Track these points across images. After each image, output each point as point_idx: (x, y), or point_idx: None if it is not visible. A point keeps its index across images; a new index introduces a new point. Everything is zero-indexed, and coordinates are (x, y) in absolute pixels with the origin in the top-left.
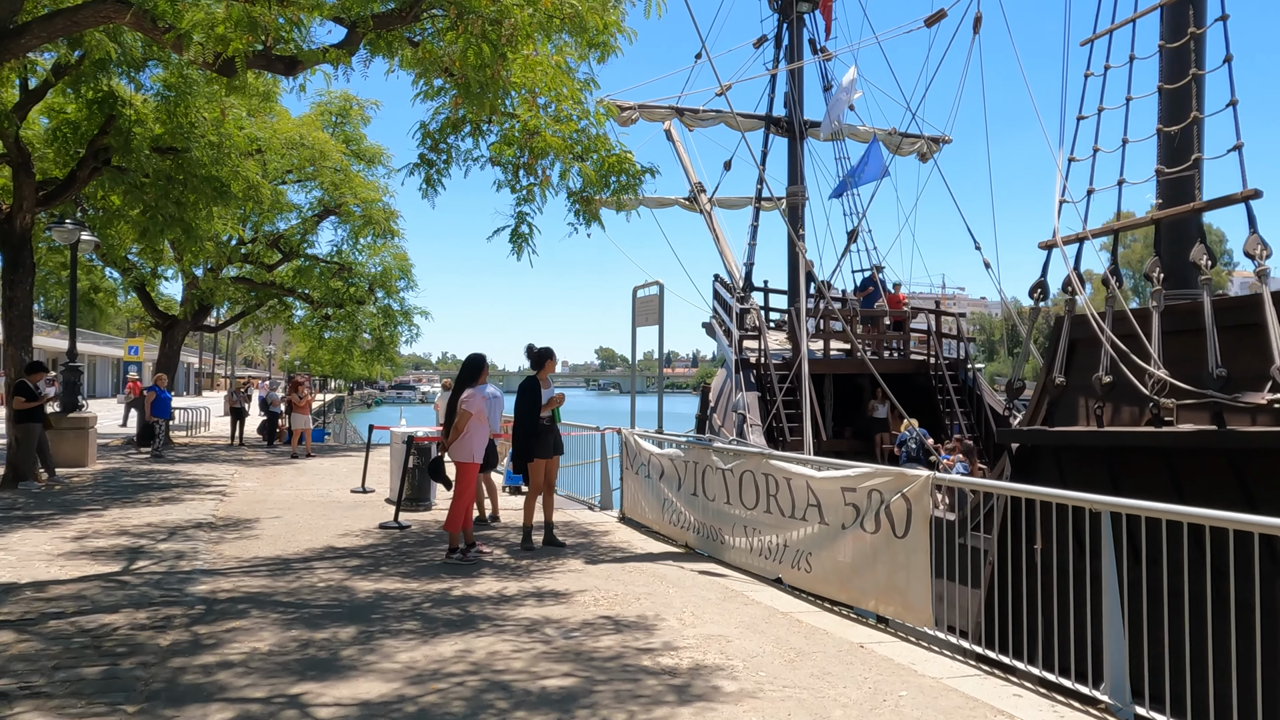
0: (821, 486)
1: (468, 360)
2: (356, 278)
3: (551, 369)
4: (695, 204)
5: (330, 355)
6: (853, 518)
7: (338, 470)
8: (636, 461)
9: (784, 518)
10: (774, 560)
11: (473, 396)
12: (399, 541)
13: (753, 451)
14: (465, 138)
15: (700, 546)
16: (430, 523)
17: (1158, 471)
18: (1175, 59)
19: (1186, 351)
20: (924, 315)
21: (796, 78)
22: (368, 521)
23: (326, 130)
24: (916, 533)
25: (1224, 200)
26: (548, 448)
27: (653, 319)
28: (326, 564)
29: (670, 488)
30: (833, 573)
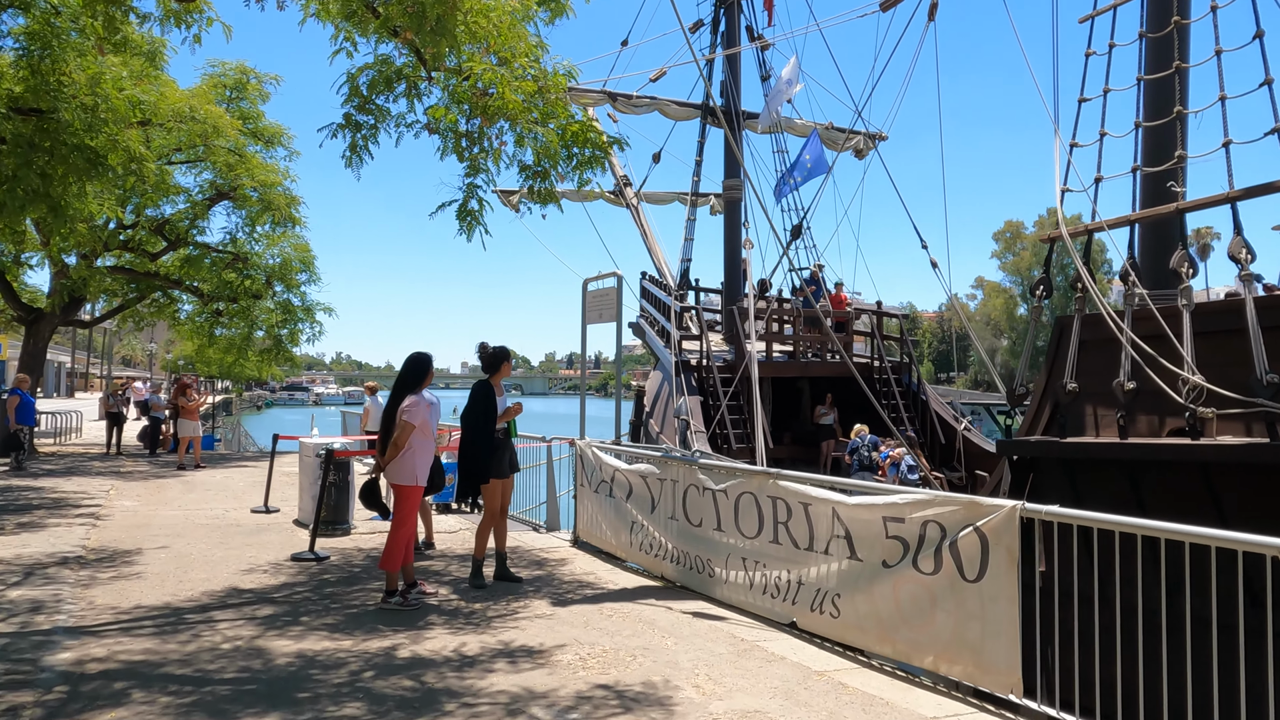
0: (854, 515)
1: (410, 361)
2: (252, 269)
3: (507, 372)
4: (621, 198)
5: (222, 354)
6: (899, 554)
7: (233, 484)
8: (596, 478)
9: (798, 550)
10: (784, 600)
11: (416, 405)
12: (319, 579)
13: (755, 470)
14: (398, 98)
15: (681, 579)
16: (353, 551)
17: (1195, 489)
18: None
19: (1214, 355)
20: (867, 316)
21: (734, 65)
22: (277, 551)
23: (220, 106)
24: (998, 576)
25: (1263, 188)
26: (504, 466)
27: (609, 314)
28: (231, 614)
29: (641, 509)
30: (870, 619)
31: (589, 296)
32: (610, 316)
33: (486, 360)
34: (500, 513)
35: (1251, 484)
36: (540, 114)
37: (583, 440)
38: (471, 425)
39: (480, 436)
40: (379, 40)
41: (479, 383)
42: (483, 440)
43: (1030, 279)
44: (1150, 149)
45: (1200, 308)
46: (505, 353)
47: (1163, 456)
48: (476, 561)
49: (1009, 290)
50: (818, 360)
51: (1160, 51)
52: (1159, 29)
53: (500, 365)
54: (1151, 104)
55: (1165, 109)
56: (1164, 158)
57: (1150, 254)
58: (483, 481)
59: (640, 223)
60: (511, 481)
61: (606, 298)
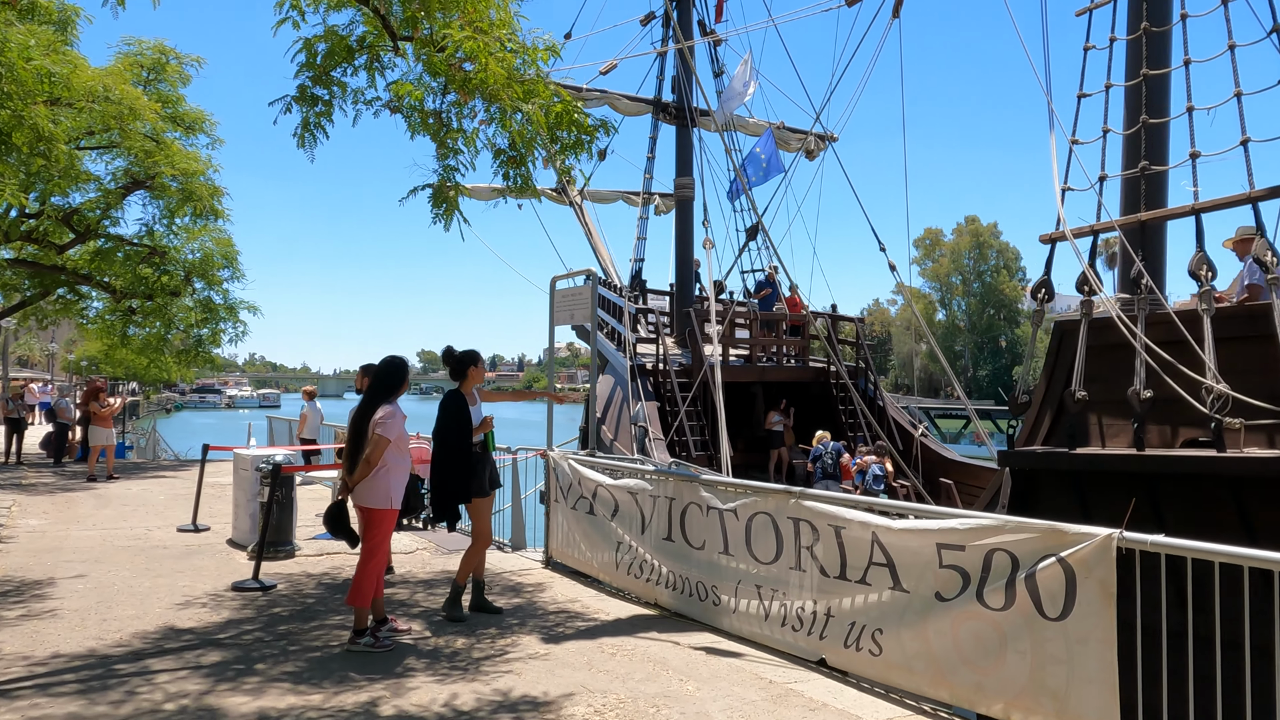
0: (899, 541)
1: (385, 366)
2: (170, 264)
3: (479, 379)
4: (563, 195)
5: (135, 355)
6: (957, 587)
7: (152, 498)
8: (573, 493)
9: (827, 578)
10: (810, 633)
11: (393, 416)
12: (269, 614)
13: (774, 489)
14: (358, 71)
15: (679, 607)
16: (301, 578)
17: (1221, 504)
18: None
19: (1234, 363)
20: (824, 320)
21: (687, 60)
22: (214, 579)
23: (137, 88)
24: (1088, 615)
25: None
26: (484, 483)
27: (582, 315)
28: (171, 663)
29: (629, 529)
30: (921, 659)
31: (557, 295)
32: (583, 317)
33: (453, 365)
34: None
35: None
36: (521, 91)
37: (556, 452)
38: (444, 440)
39: (455, 452)
40: (330, 7)
41: (449, 392)
42: (459, 455)
43: (950, 285)
44: (1130, 153)
45: (1221, 313)
46: (474, 356)
47: (1189, 469)
48: (457, 588)
49: (928, 296)
50: (774, 365)
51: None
52: (1159, 24)
53: (468, 370)
54: (1134, 106)
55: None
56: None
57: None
58: (464, 501)
59: (584, 221)
60: (493, 499)
61: (579, 297)
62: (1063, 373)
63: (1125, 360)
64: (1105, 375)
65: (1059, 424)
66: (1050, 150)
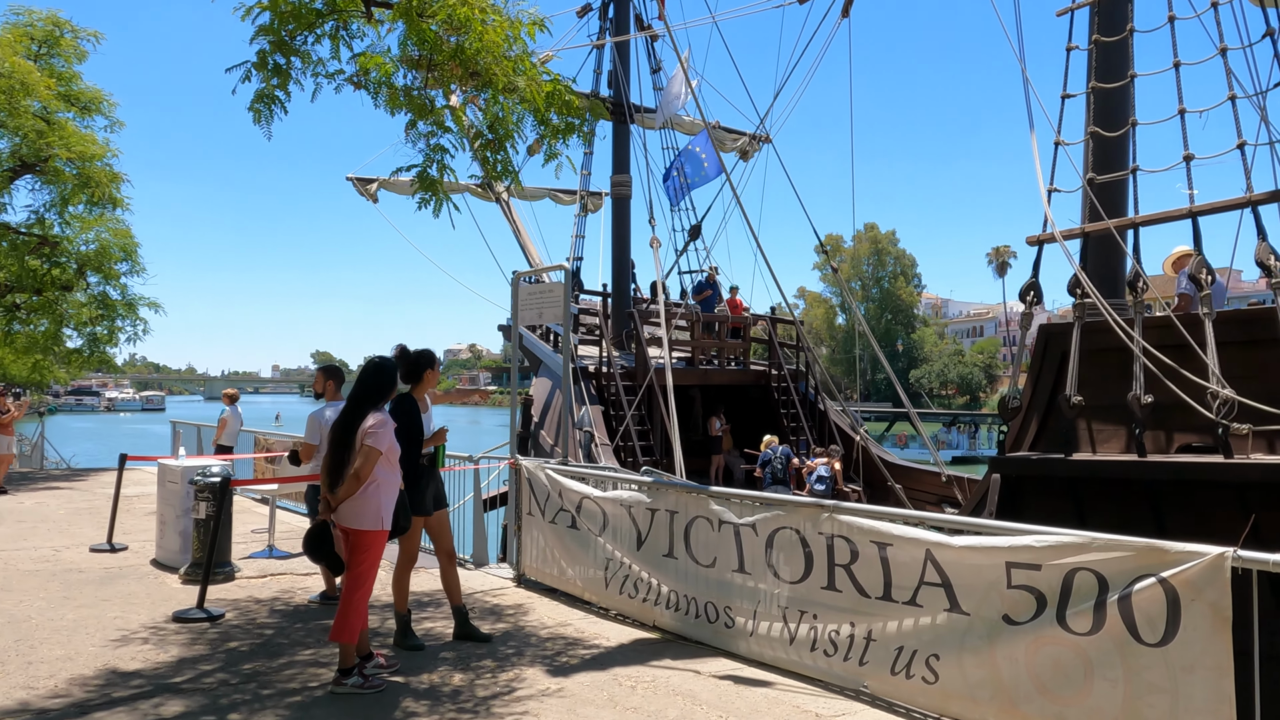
0: (959, 559)
1: (375, 368)
2: (63, 256)
3: (433, 383)
4: (489, 191)
5: (18, 356)
6: (1029, 609)
7: (50, 512)
8: (551, 505)
9: (868, 599)
10: (848, 659)
11: (385, 426)
12: (226, 649)
13: (803, 502)
14: (322, 39)
15: (684, 629)
16: (249, 604)
17: (1228, 511)
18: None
19: (1235, 368)
20: (764, 322)
21: (624, 55)
22: (149, 609)
23: (27, 62)
24: (1196, 641)
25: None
26: (426, 501)
27: (553, 314)
28: (126, 716)
29: (621, 545)
30: (986, 687)
31: (523, 294)
32: (554, 317)
33: (407, 367)
34: (445, 555)
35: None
36: (510, 66)
37: (530, 461)
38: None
39: (406, 464)
40: None
41: (400, 396)
42: (409, 468)
43: (851, 291)
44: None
45: (1222, 316)
46: (430, 358)
47: (1196, 476)
48: (401, 617)
49: (828, 300)
50: (716, 368)
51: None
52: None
53: (423, 374)
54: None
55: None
56: (1115, 167)
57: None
58: (406, 525)
59: (512, 219)
60: (445, 518)
61: (549, 295)
62: (1049, 377)
63: (1114, 364)
64: (1094, 380)
65: (1045, 429)
66: (1033, 151)
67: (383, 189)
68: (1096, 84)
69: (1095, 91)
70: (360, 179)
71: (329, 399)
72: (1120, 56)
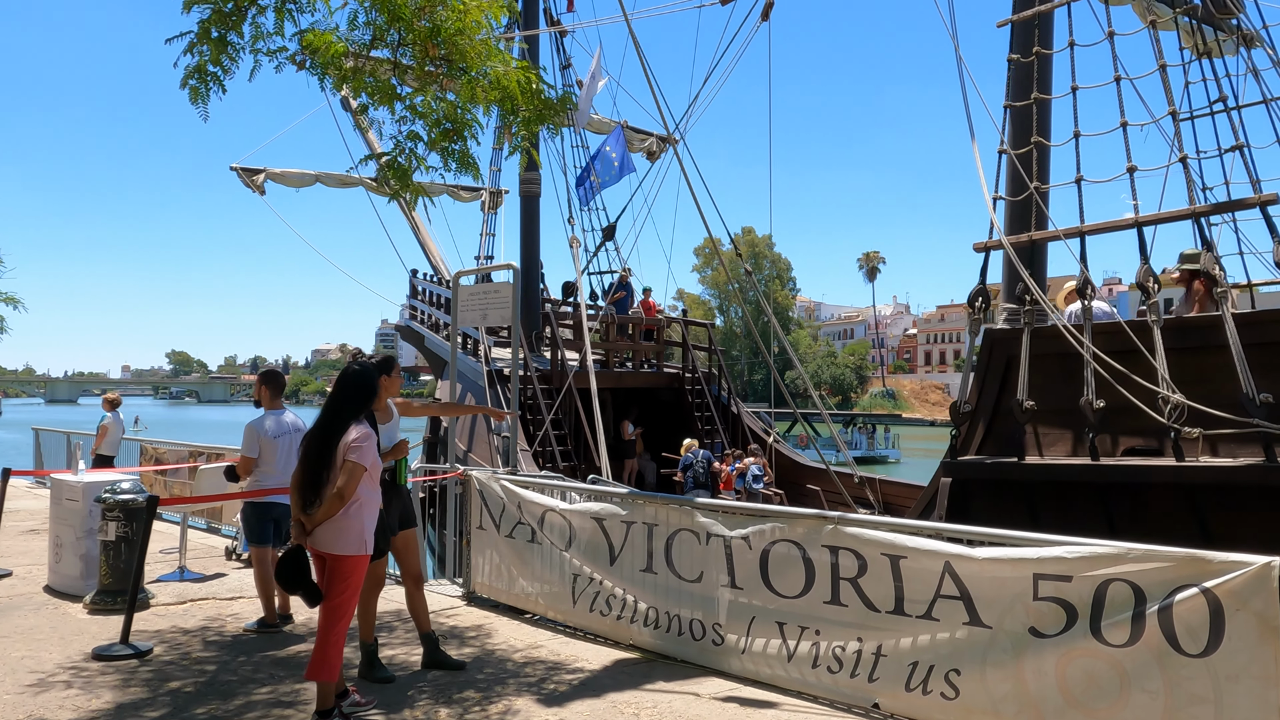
0: (980, 572)
1: (354, 376)
2: None
3: (394, 390)
4: (384, 186)
5: None
6: (1060, 621)
7: None
8: (507, 519)
9: (876, 613)
10: (855, 675)
11: (369, 440)
12: (166, 690)
13: (802, 514)
14: (266, 10)
15: (667, 648)
16: (175, 634)
17: (1179, 512)
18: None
19: (1184, 373)
20: (677, 324)
21: (533, 50)
22: (59, 646)
23: None
24: (1241, 650)
25: (1228, 205)
26: (393, 521)
27: (500, 315)
28: None
29: (591, 560)
30: (1012, 701)
31: (464, 295)
32: (501, 319)
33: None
34: (411, 578)
35: (1239, 507)
36: (480, 50)
37: (481, 472)
38: None
39: None
40: None
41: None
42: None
43: (727, 293)
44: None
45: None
46: (390, 363)
47: (1150, 479)
48: (368, 647)
49: (706, 303)
50: (630, 371)
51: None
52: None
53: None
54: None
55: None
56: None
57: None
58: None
59: (411, 216)
60: (412, 538)
61: (495, 295)
62: (994, 382)
63: (1057, 369)
64: (1038, 384)
65: (991, 433)
66: (974, 159)
67: (271, 180)
68: (1039, 95)
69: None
70: (246, 169)
71: (267, 407)
72: (1045, 71)
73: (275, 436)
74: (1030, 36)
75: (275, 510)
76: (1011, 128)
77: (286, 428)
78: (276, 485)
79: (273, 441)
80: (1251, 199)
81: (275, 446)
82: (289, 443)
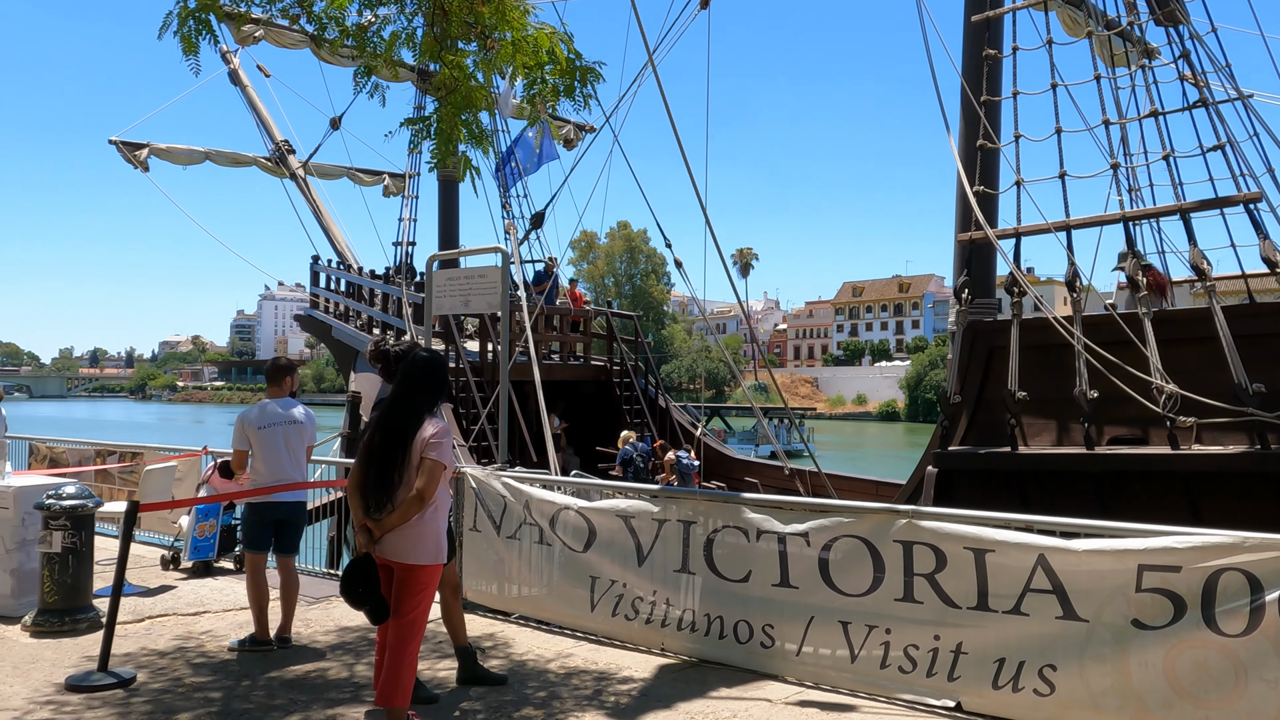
0: (1078, 564)
1: (426, 363)
2: None
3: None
4: (281, 167)
5: None
6: (1167, 613)
7: None
8: (510, 519)
9: (955, 609)
10: (932, 674)
11: (448, 435)
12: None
13: (873, 508)
14: None
15: (708, 652)
16: (149, 657)
17: (1172, 499)
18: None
19: (1183, 364)
20: (606, 316)
21: None
22: (19, 677)
23: None
24: None
25: (1214, 202)
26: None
27: (486, 302)
28: None
29: (618, 562)
30: (1114, 695)
31: (440, 279)
32: (486, 305)
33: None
34: (452, 590)
35: (1235, 495)
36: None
37: (478, 469)
38: None
39: None
40: None
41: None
42: None
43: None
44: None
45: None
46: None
47: (1146, 467)
48: (466, 649)
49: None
50: (557, 363)
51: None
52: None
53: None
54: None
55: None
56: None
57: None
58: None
59: (311, 198)
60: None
61: (482, 281)
62: (977, 374)
63: (1039, 361)
64: (1020, 376)
65: (975, 424)
66: (953, 153)
67: (155, 156)
68: (1018, 90)
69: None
70: (128, 143)
71: (268, 396)
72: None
73: (261, 427)
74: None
75: (278, 512)
76: (965, 126)
77: (276, 418)
78: (265, 483)
79: (259, 433)
80: (1237, 196)
81: (261, 439)
82: (277, 435)
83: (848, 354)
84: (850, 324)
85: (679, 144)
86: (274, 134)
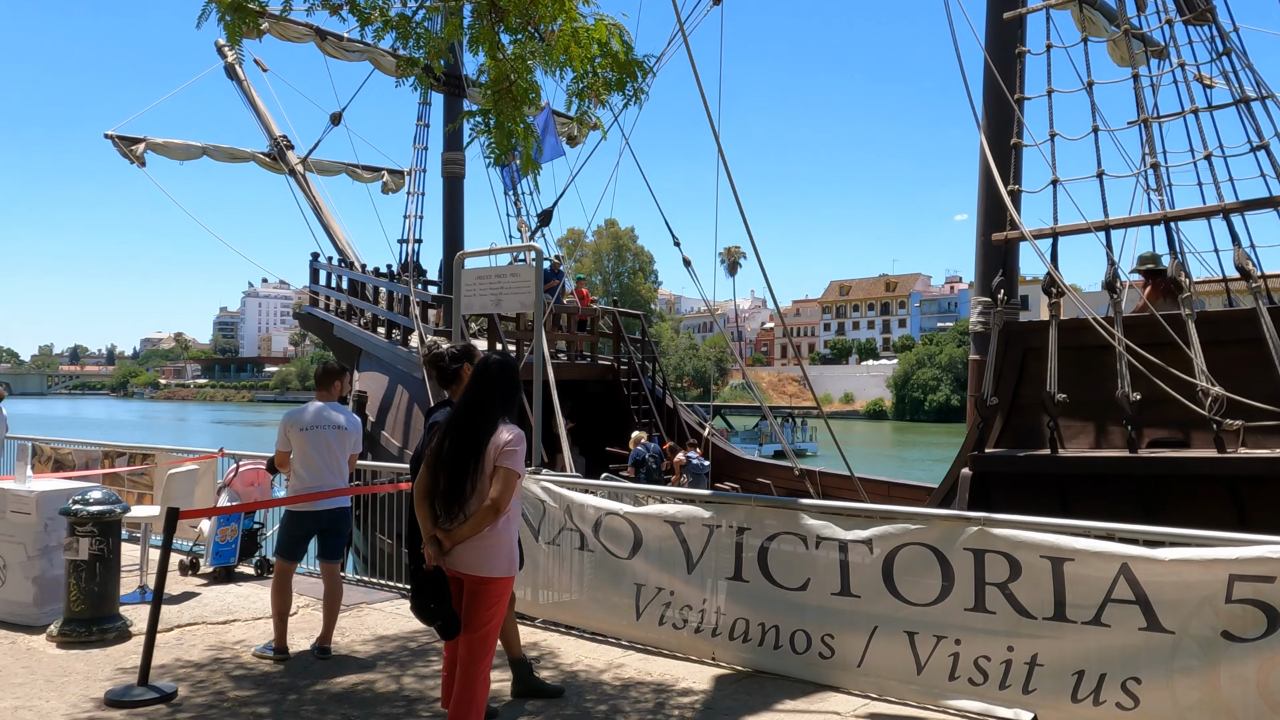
0: (1163, 574)
1: (499, 365)
2: None
3: None
4: (280, 162)
5: None
6: (1259, 625)
7: None
8: (549, 524)
9: (1031, 620)
10: (1005, 687)
11: (523, 443)
12: None
13: (943, 515)
14: None
15: (759, 662)
16: (186, 669)
17: (1218, 503)
18: None
19: (1219, 366)
20: (611, 315)
21: None
22: (53, 691)
23: None
24: None
25: (1263, 202)
26: None
27: (518, 302)
28: None
29: (666, 568)
30: (1202, 709)
31: (469, 278)
32: (520, 305)
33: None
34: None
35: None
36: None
37: None
38: None
39: None
40: None
41: (444, 403)
42: None
43: (592, 285)
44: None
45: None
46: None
47: (1191, 471)
48: (521, 662)
49: None
50: (564, 362)
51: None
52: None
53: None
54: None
55: None
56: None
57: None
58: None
59: (311, 194)
60: None
61: (514, 279)
62: (1011, 376)
63: (1075, 363)
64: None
65: (1009, 426)
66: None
67: (151, 151)
68: (1052, 88)
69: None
70: (124, 137)
71: (328, 400)
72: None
73: (304, 429)
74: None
75: (320, 521)
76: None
77: (321, 421)
78: (305, 488)
79: (301, 435)
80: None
81: (303, 441)
82: (320, 439)
83: (835, 353)
84: (837, 323)
85: (717, 143)
86: (272, 129)
